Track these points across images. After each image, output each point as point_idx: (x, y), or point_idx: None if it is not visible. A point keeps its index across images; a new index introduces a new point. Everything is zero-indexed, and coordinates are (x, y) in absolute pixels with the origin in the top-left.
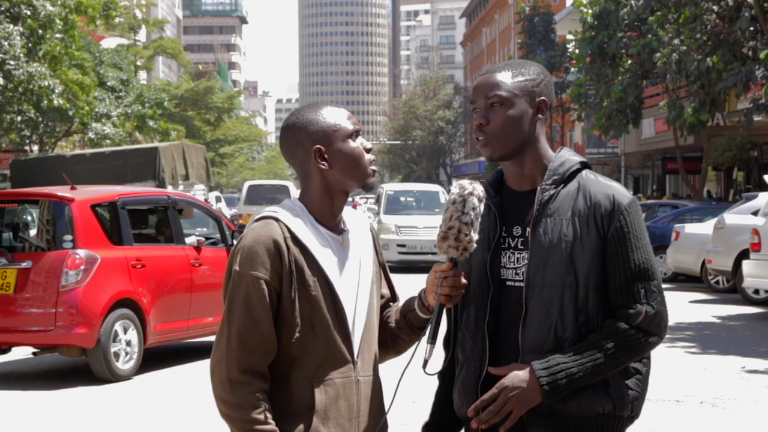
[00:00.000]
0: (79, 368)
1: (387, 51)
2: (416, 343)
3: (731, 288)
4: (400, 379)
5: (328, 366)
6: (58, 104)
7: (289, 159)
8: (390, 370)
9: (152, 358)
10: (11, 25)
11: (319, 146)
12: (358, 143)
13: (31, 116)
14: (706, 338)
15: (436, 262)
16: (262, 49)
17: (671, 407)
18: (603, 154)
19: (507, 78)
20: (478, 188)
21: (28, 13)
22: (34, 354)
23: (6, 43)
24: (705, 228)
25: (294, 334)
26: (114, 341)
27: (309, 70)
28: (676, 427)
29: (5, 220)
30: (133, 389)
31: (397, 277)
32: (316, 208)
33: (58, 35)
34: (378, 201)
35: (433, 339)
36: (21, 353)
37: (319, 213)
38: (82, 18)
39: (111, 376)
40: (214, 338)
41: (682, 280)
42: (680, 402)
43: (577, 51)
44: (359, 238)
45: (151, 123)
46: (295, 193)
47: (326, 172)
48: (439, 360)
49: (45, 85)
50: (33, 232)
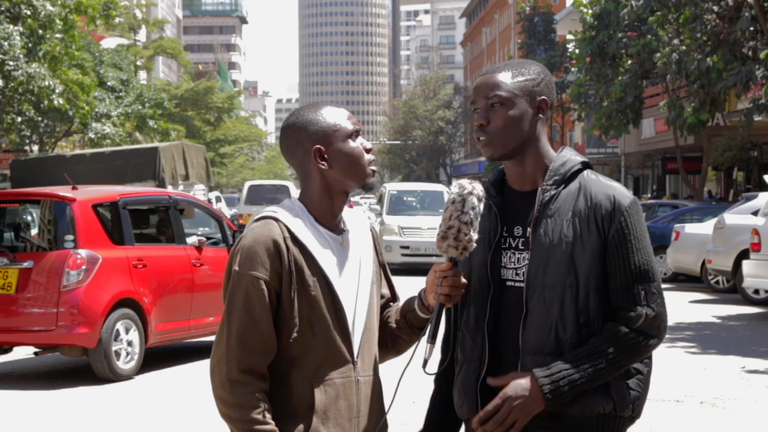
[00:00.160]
0: (80, 368)
1: (387, 51)
2: (416, 343)
3: (731, 288)
4: (400, 379)
5: (328, 366)
6: (58, 104)
7: (289, 159)
8: (390, 370)
9: (153, 358)
10: (11, 26)
11: (318, 146)
12: (358, 143)
13: (31, 116)
14: (706, 338)
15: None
16: (262, 49)
17: (671, 407)
18: (603, 154)
19: (507, 78)
20: (478, 188)
21: (28, 13)
22: (35, 354)
23: (6, 44)
24: (705, 228)
25: (293, 334)
26: (115, 341)
27: (309, 70)
28: (676, 427)
29: (7, 220)
30: (134, 389)
31: (401, 280)
32: (316, 208)
33: (58, 35)
34: (380, 201)
35: (433, 338)
36: (22, 353)
37: (318, 213)
38: (82, 18)
39: (112, 375)
40: (214, 338)
41: (682, 280)
42: (680, 402)
43: (577, 51)
44: (359, 238)
45: (151, 123)
46: (296, 193)
47: (326, 172)
48: (438, 359)
49: (45, 85)
50: (34, 232)
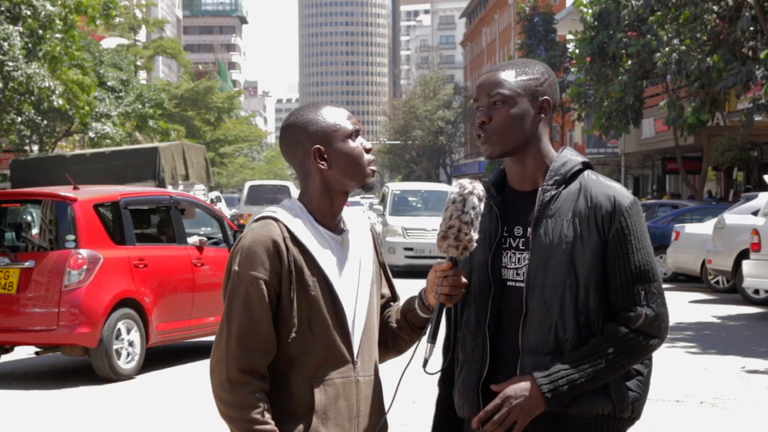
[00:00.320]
0: (81, 368)
1: (387, 51)
2: (416, 343)
3: (731, 288)
4: (400, 379)
5: (328, 366)
6: (58, 105)
7: (289, 159)
8: (390, 370)
9: (154, 358)
10: (11, 26)
11: (318, 146)
12: (358, 143)
13: (31, 117)
14: (706, 338)
15: None
16: (262, 49)
17: (671, 407)
18: (603, 154)
19: (510, 76)
20: (479, 187)
21: (29, 13)
22: (36, 354)
23: (5, 44)
24: (705, 228)
25: (292, 334)
26: (116, 341)
27: (309, 70)
28: (676, 427)
29: (8, 220)
30: (135, 389)
31: (405, 283)
32: (316, 208)
33: (58, 35)
34: (383, 201)
35: (433, 338)
36: (23, 353)
37: (318, 213)
38: (82, 18)
39: (113, 375)
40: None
41: (682, 280)
42: (680, 402)
43: (577, 51)
44: (359, 238)
45: (151, 123)
46: (296, 193)
47: (326, 172)
48: (439, 359)
49: (45, 86)
50: (34, 232)
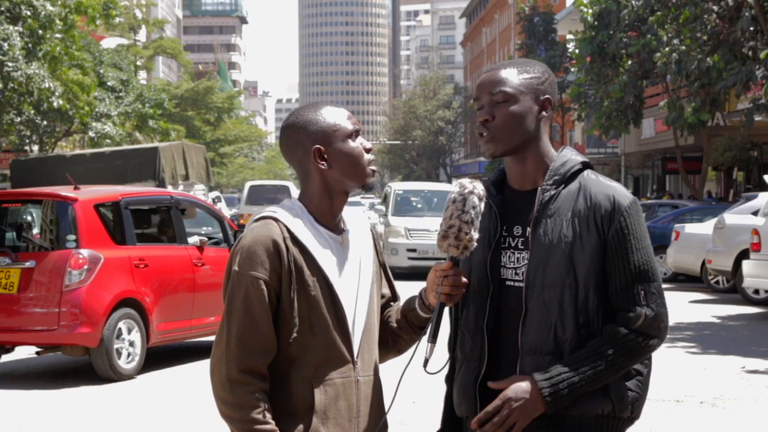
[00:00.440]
0: (81, 368)
1: (387, 51)
2: (417, 343)
3: (731, 288)
4: (401, 379)
5: (328, 366)
6: (58, 106)
7: (289, 159)
8: (390, 370)
9: (155, 358)
10: (11, 26)
11: (318, 146)
12: (358, 143)
13: (31, 117)
14: (706, 338)
15: None
16: (262, 49)
17: (671, 407)
18: (603, 154)
19: (512, 75)
20: (479, 187)
21: (29, 13)
22: (37, 353)
23: (5, 45)
24: (705, 228)
25: (293, 334)
26: (117, 340)
27: (309, 70)
28: (676, 427)
29: (8, 220)
30: (136, 389)
31: (408, 285)
32: (316, 208)
33: (58, 35)
34: (385, 201)
35: (433, 338)
36: (24, 353)
37: (318, 213)
38: (82, 18)
39: (114, 375)
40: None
41: (682, 280)
42: (680, 402)
43: (577, 51)
44: (359, 238)
45: (151, 123)
46: (296, 193)
47: (326, 172)
48: (439, 359)
49: (44, 87)
50: (35, 232)
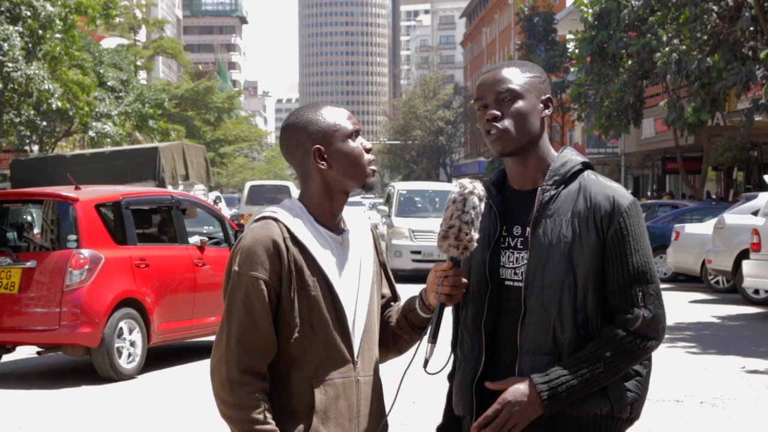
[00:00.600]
0: (81, 368)
1: (387, 51)
2: (417, 343)
3: (731, 288)
4: (402, 379)
5: (328, 366)
6: (57, 107)
7: (289, 159)
8: (390, 370)
9: (155, 358)
10: (11, 27)
11: (318, 146)
12: (358, 143)
13: (31, 117)
14: (706, 338)
15: None
16: (262, 49)
17: (671, 407)
18: (603, 154)
19: (516, 74)
20: (479, 187)
21: (28, 13)
22: (38, 353)
23: (5, 45)
24: (705, 228)
25: (293, 334)
26: (118, 340)
27: (309, 70)
28: (676, 427)
29: (9, 220)
30: (136, 389)
31: (412, 288)
32: (316, 208)
33: (58, 35)
34: (388, 201)
35: (433, 338)
36: (24, 353)
37: (318, 213)
38: (82, 18)
39: (115, 375)
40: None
41: (682, 280)
42: (680, 402)
43: (577, 51)
44: (359, 238)
45: (151, 123)
46: (296, 193)
47: (326, 172)
48: (439, 359)
49: (44, 89)
50: (36, 232)
